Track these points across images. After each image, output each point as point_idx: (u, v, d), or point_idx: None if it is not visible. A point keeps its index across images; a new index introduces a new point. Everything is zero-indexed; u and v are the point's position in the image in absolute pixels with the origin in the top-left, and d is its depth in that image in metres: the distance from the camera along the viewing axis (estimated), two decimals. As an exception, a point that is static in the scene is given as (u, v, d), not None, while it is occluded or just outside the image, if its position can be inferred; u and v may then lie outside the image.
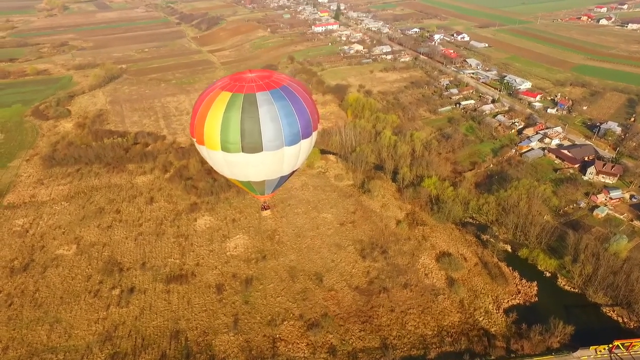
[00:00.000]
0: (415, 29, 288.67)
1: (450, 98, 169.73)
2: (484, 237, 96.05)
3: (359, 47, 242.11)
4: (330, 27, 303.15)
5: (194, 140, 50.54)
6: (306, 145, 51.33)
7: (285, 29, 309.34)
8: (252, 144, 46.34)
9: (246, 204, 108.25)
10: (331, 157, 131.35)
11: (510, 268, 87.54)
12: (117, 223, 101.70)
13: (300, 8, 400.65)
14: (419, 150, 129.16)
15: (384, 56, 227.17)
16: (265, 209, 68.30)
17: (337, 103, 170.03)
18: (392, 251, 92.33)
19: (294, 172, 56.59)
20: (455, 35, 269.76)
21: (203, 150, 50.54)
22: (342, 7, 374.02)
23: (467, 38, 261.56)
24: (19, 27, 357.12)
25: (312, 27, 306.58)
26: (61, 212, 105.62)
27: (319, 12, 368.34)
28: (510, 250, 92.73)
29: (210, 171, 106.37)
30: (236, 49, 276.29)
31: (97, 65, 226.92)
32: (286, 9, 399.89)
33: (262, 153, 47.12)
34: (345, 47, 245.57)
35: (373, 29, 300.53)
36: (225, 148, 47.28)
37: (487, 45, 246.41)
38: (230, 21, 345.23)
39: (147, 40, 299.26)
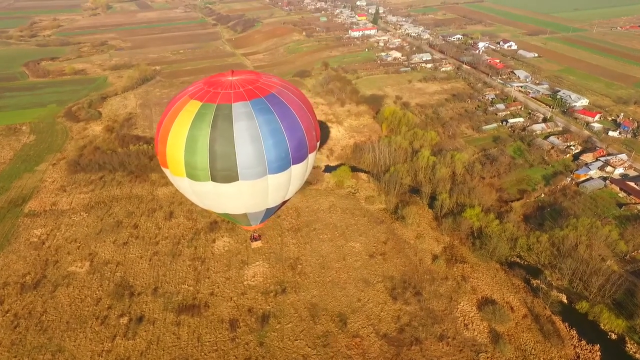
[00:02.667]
0: (458, 36, 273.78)
1: (496, 114, 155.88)
2: (535, 282, 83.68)
3: (397, 54, 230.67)
4: (367, 31, 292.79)
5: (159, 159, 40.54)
6: (299, 172, 40.53)
7: (321, 33, 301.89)
8: (224, 172, 36.07)
9: (269, 226, 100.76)
10: (363, 175, 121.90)
11: (567, 324, 75.02)
12: (134, 240, 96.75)
13: (337, 11, 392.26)
14: (460, 174, 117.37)
15: (423, 64, 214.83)
16: (255, 240, 58.28)
17: (371, 115, 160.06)
18: (426, 292, 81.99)
19: (286, 201, 45.85)
20: (501, 43, 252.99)
21: (169, 175, 40.65)
22: (380, 11, 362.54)
23: (514, 46, 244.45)
24: (64, 25, 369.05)
25: (349, 31, 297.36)
26: (79, 224, 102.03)
27: (356, 16, 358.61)
28: (565, 301, 79.98)
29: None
30: (270, 52, 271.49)
31: (132, 66, 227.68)
32: (323, 12, 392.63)
33: (237, 183, 36.70)
34: (383, 54, 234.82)
35: (413, 34, 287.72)
36: (191, 175, 37.06)
37: (536, 55, 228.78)
38: (266, 23, 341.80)
39: (183, 41, 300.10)
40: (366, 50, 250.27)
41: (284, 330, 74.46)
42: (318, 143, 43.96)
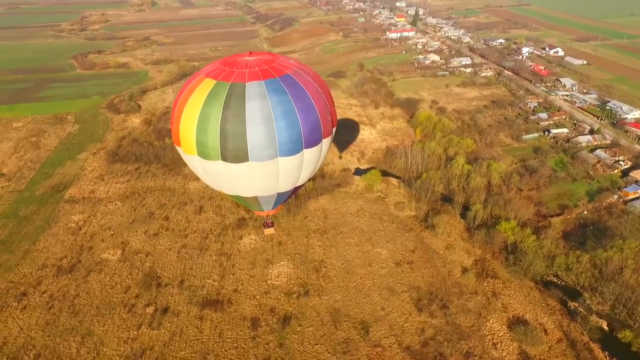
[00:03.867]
0: (501, 40, 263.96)
1: (538, 124, 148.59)
2: (572, 304, 78.70)
3: (435, 58, 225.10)
4: (405, 33, 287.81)
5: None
6: (311, 157, 39.25)
7: (358, 34, 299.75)
8: (234, 151, 35.50)
9: (295, 226, 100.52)
10: (393, 180, 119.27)
11: (607, 354, 69.89)
12: (164, 231, 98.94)
13: (376, 12, 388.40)
14: (496, 184, 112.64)
15: (462, 69, 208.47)
16: (269, 227, 56.80)
17: (405, 119, 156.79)
18: (454, 306, 78.87)
19: (298, 187, 44.64)
20: (547, 49, 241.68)
21: (181, 153, 40.42)
22: (420, 13, 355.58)
23: (561, 53, 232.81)
24: (112, 20, 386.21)
25: (387, 32, 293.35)
26: (114, 213, 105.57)
27: (395, 17, 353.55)
28: (606, 328, 74.68)
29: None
30: (306, 52, 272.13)
31: (172, 61, 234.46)
32: (361, 12, 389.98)
33: (247, 163, 36.09)
34: (420, 57, 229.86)
35: (452, 37, 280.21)
36: (202, 153, 36.78)
37: (585, 62, 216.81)
38: (303, 23, 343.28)
39: (222, 39, 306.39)
40: (403, 52, 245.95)
41: (305, 333, 73.67)
42: (334, 129, 42.68)
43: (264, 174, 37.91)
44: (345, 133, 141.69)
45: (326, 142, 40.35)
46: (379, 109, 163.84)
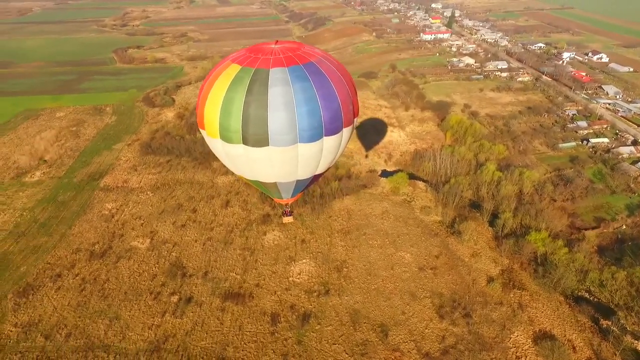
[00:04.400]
0: (540, 44, 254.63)
1: (576, 132, 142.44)
2: (604, 323, 75.00)
3: (470, 61, 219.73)
4: (440, 35, 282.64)
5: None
6: (331, 145, 39.24)
7: (391, 35, 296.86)
8: (256, 135, 36.05)
9: (319, 225, 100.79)
10: (420, 184, 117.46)
11: (640, 377, 66.45)
12: (191, 223, 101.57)
13: (410, 13, 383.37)
14: (528, 193, 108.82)
15: (498, 73, 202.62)
16: (287, 215, 57.30)
17: (436, 122, 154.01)
18: (477, 316, 76.86)
19: (319, 176, 44.68)
20: (590, 54, 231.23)
21: (204, 136, 41.49)
22: (456, 14, 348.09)
23: (605, 59, 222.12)
24: (151, 17, 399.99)
25: (421, 34, 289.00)
26: (145, 202, 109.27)
27: (430, 19, 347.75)
28: (641, 350, 70.84)
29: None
30: (338, 51, 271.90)
31: (206, 58, 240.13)
32: (396, 13, 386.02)
33: (267, 148, 36.61)
34: (454, 59, 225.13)
35: (489, 40, 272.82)
36: (224, 136, 37.60)
37: (631, 69, 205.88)
38: (336, 22, 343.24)
39: (256, 37, 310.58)
40: (437, 54, 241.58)
41: (324, 332, 73.80)
42: (356, 119, 42.87)
43: (284, 160, 38.50)
44: (373, 134, 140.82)
45: (347, 131, 40.37)
46: (409, 111, 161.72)
